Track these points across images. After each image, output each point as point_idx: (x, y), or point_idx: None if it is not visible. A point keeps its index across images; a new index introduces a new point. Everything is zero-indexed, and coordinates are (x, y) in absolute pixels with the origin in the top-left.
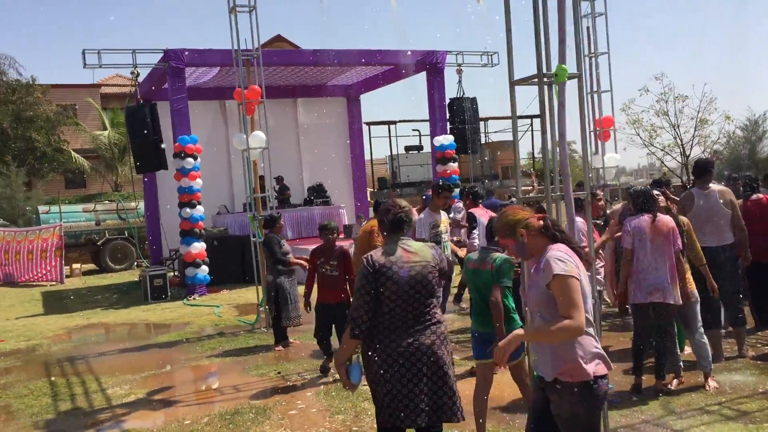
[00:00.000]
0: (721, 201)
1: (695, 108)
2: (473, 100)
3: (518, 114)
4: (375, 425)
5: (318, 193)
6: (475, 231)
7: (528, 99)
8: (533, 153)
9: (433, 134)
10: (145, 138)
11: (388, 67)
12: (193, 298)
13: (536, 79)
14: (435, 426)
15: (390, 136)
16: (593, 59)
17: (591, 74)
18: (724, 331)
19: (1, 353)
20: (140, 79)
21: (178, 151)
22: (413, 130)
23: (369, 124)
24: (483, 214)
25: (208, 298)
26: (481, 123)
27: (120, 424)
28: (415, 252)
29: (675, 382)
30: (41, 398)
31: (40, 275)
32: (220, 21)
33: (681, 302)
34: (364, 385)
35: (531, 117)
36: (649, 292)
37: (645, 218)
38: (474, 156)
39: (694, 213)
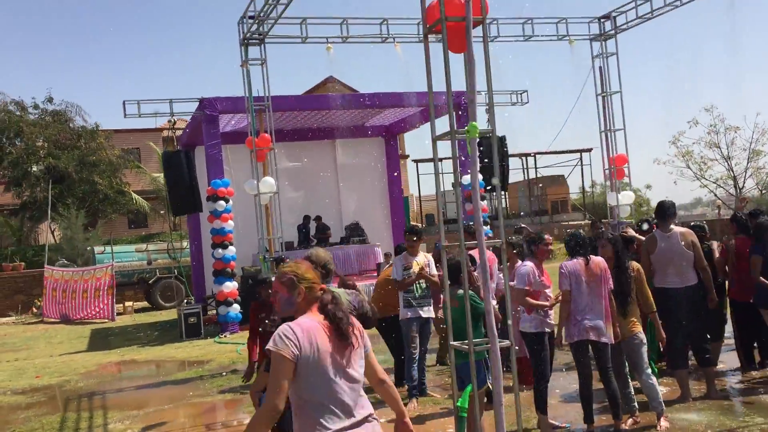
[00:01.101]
0: (683, 243)
1: (747, 139)
2: (501, 139)
3: (568, 148)
4: None
5: (354, 232)
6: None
7: (574, 133)
8: (583, 187)
9: (463, 173)
10: (181, 182)
11: (422, 108)
12: (225, 336)
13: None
14: None
15: (437, 173)
16: (607, 98)
17: (605, 113)
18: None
19: (32, 389)
20: (184, 124)
21: (211, 194)
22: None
23: (417, 161)
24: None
25: (238, 335)
26: (530, 158)
27: None
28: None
29: (630, 421)
30: None
31: (93, 313)
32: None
33: (614, 341)
34: None
35: (581, 151)
36: (585, 330)
37: (579, 261)
38: (524, 191)
39: (657, 255)
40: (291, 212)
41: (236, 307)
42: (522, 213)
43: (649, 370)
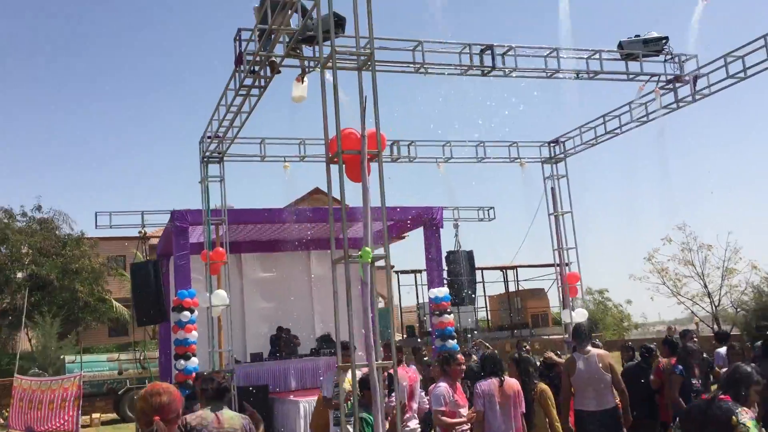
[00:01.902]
0: (600, 365)
1: (720, 257)
2: (470, 253)
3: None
4: None
5: (325, 344)
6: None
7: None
8: (562, 301)
9: (430, 286)
10: (147, 292)
11: (391, 222)
12: None
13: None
14: None
15: (416, 285)
16: (559, 218)
17: (557, 232)
18: None
19: None
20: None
21: (177, 304)
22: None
23: (398, 272)
24: (404, 375)
25: None
26: (510, 271)
27: None
28: (226, 419)
29: None
30: None
31: (57, 425)
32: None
33: None
34: None
35: (559, 265)
36: None
37: (494, 381)
38: (504, 305)
39: (576, 377)
40: (264, 322)
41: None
42: (503, 325)
43: None
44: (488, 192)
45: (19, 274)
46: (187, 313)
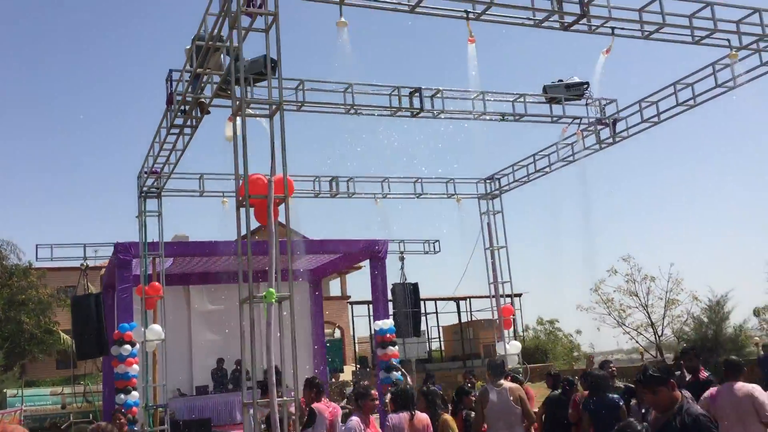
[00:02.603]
0: (511, 398)
1: (663, 288)
2: (415, 285)
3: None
4: None
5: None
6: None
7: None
8: (515, 331)
9: (375, 318)
10: (89, 325)
11: (340, 255)
12: None
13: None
14: None
15: (370, 315)
16: (495, 252)
17: (493, 265)
18: None
19: None
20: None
21: (118, 338)
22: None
23: (352, 303)
24: (324, 410)
25: None
26: (462, 302)
27: None
28: None
29: None
30: None
31: None
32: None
33: None
34: None
35: (512, 296)
36: None
37: (404, 415)
38: (457, 335)
39: (489, 409)
40: (211, 355)
41: None
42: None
43: None
44: (432, 227)
45: None
46: (127, 346)
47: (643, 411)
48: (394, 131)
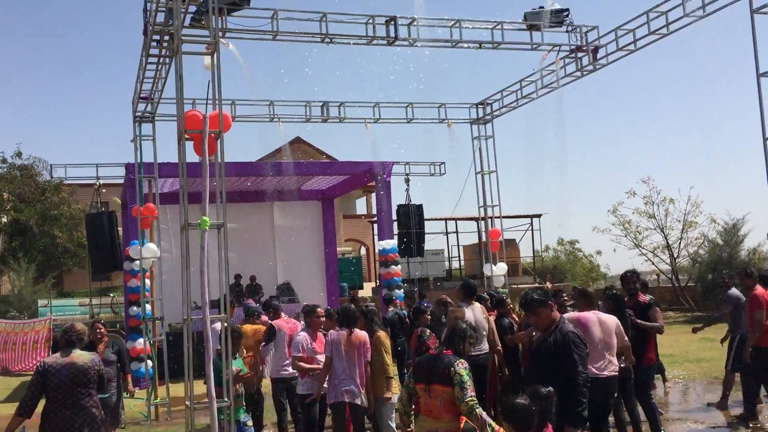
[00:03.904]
0: (483, 315)
1: (682, 210)
2: (419, 207)
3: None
4: None
5: (285, 292)
6: (271, 344)
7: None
8: (534, 250)
9: (380, 238)
10: (102, 242)
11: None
12: (135, 390)
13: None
14: None
15: (374, 235)
16: (485, 176)
17: (483, 189)
18: None
19: None
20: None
21: (128, 254)
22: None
23: (372, 221)
24: (284, 325)
25: (146, 392)
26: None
27: None
28: (77, 356)
29: None
30: None
31: (31, 365)
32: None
33: (367, 405)
34: None
35: (531, 216)
36: (341, 393)
37: (343, 333)
38: (476, 254)
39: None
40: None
41: (149, 363)
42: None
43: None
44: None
45: (4, 219)
46: (138, 262)
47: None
48: (387, 58)
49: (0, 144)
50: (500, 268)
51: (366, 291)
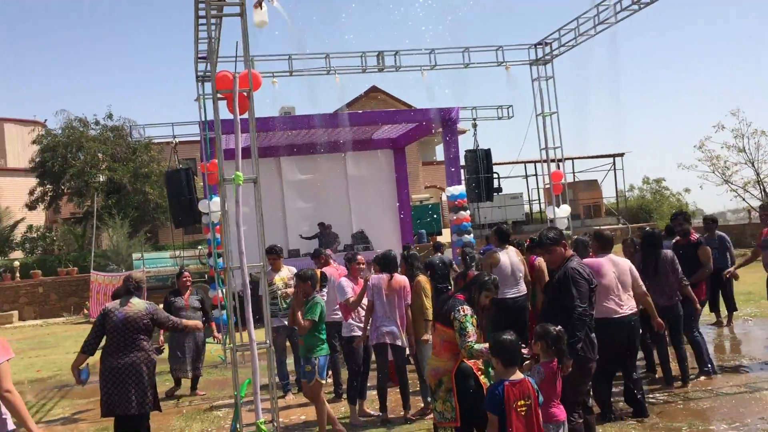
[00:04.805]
0: (518, 258)
1: None
2: (487, 152)
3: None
4: None
5: (359, 240)
6: (324, 289)
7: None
8: (616, 191)
9: (449, 184)
10: (181, 198)
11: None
12: (215, 336)
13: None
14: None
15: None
16: (545, 118)
17: (544, 132)
18: None
19: (20, 382)
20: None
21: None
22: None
23: (463, 166)
24: (333, 272)
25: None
26: (568, 162)
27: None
28: (133, 305)
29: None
30: None
31: None
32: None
33: (406, 346)
34: None
35: (614, 156)
36: (383, 335)
37: (383, 277)
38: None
39: (500, 268)
40: (303, 221)
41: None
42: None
43: None
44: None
45: (102, 177)
46: (211, 215)
47: None
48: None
49: (92, 107)
50: (563, 210)
51: (446, 236)
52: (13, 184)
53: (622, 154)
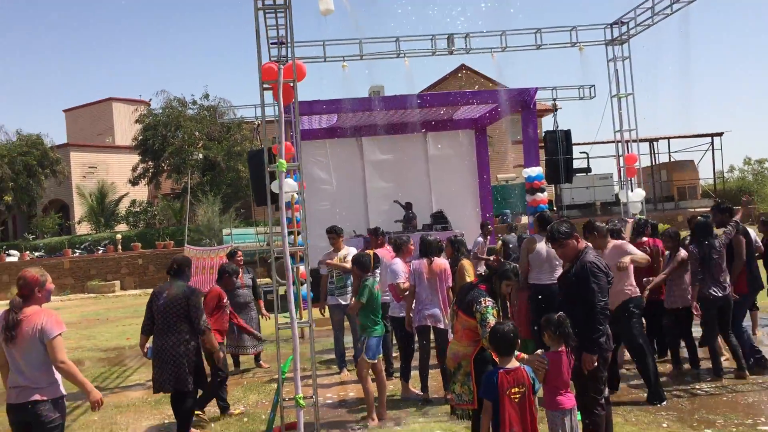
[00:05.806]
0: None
1: None
2: (567, 133)
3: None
4: None
5: (438, 220)
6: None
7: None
8: (714, 173)
9: (526, 165)
10: (262, 176)
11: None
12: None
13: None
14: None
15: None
16: (620, 100)
17: (619, 113)
18: None
19: (112, 348)
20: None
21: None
22: (581, 152)
23: (540, 147)
24: (386, 254)
25: (305, 312)
26: (663, 142)
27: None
28: (174, 287)
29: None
30: None
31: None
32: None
33: (449, 328)
34: None
35: (711, 135)
36: (425, 317)
37: (423, 261)
38: (649, 178)
39: (536, 254)
40: (384, 201)
41: (305, 287)
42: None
43: None
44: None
45: (200, 155)
46: (294, 195)
47: None
48: None
49: (190, 87)
50: (637, 195)
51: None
52: (119, 160)
53: (721, 134)
